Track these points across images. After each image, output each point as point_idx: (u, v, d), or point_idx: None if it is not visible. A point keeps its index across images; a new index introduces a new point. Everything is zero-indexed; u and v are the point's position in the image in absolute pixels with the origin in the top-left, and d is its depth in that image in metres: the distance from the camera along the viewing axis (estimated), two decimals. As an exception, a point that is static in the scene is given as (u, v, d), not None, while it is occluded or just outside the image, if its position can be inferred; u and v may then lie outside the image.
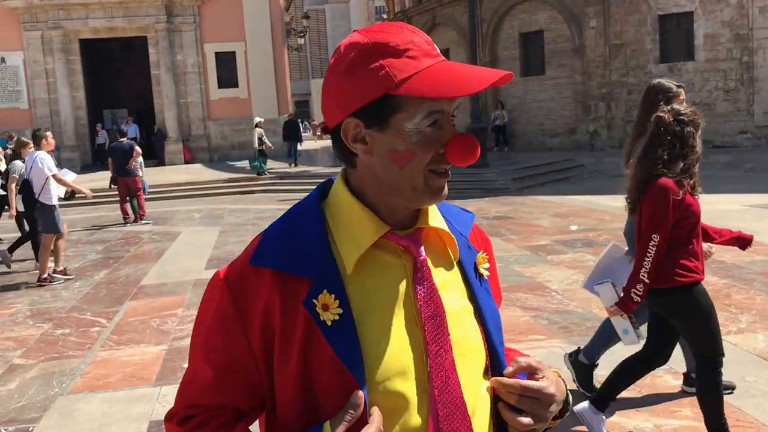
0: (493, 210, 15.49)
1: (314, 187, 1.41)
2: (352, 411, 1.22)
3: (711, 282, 8.04)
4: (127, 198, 16.42)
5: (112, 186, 17.26)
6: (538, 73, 29.59)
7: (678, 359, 5.65)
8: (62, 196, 10.74)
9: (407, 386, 1.26)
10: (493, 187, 19.45)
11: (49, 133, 10.69)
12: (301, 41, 44.81)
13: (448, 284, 1.37)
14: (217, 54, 31.70)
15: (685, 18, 25.72)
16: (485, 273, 1.44)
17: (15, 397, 5.82)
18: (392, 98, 1.24)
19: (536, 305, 7.55)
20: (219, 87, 31.89)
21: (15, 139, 12.60)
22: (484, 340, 1.38)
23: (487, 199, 17.59)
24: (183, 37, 31.51)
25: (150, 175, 26.37)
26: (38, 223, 10.56)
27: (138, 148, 16.36)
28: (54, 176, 10.16)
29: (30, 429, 5.20)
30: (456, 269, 1.41)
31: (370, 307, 1.28)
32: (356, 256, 1.29)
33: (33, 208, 10.48)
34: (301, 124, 39.29)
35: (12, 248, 12.01)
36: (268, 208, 18.36)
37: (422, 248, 1.34)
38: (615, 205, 14.95)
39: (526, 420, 1.29)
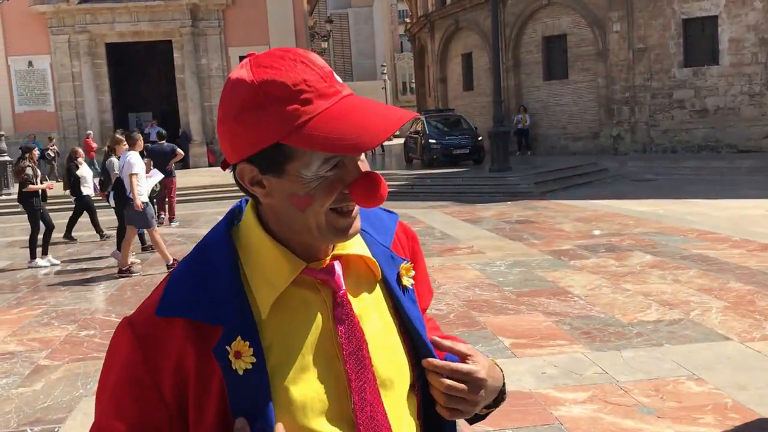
0: (516, 214, 15.45)
1: None
2: None
3: (735, 288, 8.01)
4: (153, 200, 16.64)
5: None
6: (561, 77, 29.52)
7: (701, 366, 5.64)
8: (151, 196, 11.38)
9: (332, 426, 1.22)
10: (515, 191, 19.39)
11: (139, 135, 11.33)
12: (324, 45, 44.95)
13: (371, 308, 1.32)
14: (241, 58, 31.00)
15: (710, 22, 25.54)
16: (409, 283, 1.39)
17: (41, 397, 5.88)
18: (284, 147, 1.15)
19: (558, 310, 7.53)
20: (243, 90, 32.04)
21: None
22: (408, 353, 1.34)
23: (509, 203, 17.54)
24: (208, 41, 31.72)
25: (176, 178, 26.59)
26: (129, 218, 10.93)
27: (180, 150, 16.72)
28: (131, 176, 10.57)
29: (55, 429, 5.26)
30: (378, 288, 1.36)
31: (287, 350, 1.22)
32: (271, 300, 1.22)
33: (124, 205, 10.95)
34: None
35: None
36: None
37: (341, 280, 1.28)
38: (638, 209, 14.89)
39: (447, 383, 1.29)
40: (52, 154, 27.87)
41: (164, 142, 17.01)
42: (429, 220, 15.08)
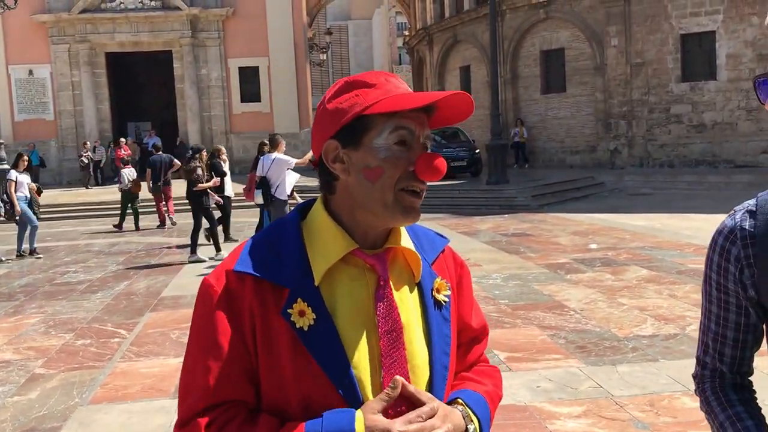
0: (512, 227, 15.47)
1: None
2: (389, 392, 1.37)
3: (730, 303, 8.00)
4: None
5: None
6: (559, 90, 29.60)
7: (695, 380, 5.63)
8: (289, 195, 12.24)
9: (361, 394, 1.38)
10: (512, 204, 19.43)
11: (281, 138, 12.31)
12: (323, 57, 45.05)
13: (407, 303, 1.48)
14: (240, 69, 31.93)
15: (707, 37, 25.65)
16: (443, 300, 1.54)
17: (36, 406, 5.87)
18: (363, 119, 1.40)
19: (554, 324, 7.54)
20: (242, 101, 32.12)
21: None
22: (428, 362, 1.48)
23: (506, 215, 17.56)
24: (207, 52, 31.81)
25: (173, 187, 26.60)
26: (273, 215, 11.88)
27: (177, 161, 17.55)
28: (295, 162, 11.72)
29: (51, 438, 5.27)
30: (416, 290, 1.52)
31: (334, 316, 1.40)
32: (324, 268, 1.41)
33: (269, 202, 11.81)
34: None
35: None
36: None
37: (387, 268, 1.46)
38: (635, 223, 14.92)
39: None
40: (86, 161, 28.17)
41: (161, 152, 18.10)
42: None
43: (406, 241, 1.51)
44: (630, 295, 8.68)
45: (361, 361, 1.40)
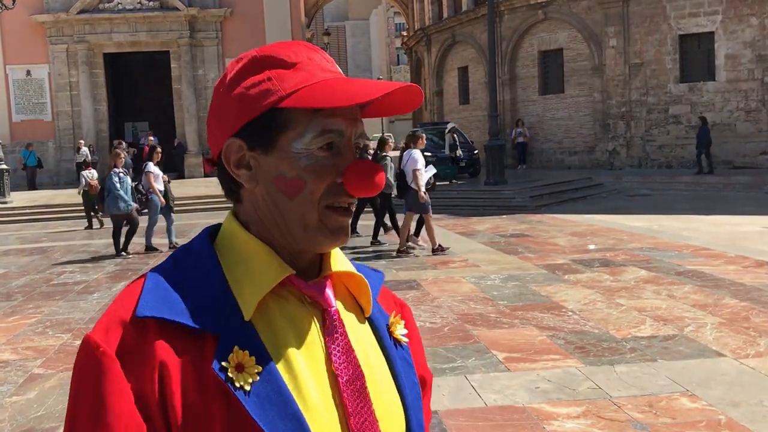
0: (510, 228, 15.47)
1: None
2: None
3: (730, 304, 8.02)
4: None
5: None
6: (557, 91, 29.65)
7: (694, 382, 5.65)
8: (428, 187, 12.61)
9: None
10: (510, 205, 19.43)
11: (422, 135, 12.87)
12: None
13: (362, 342, 1.14)
14: (238, 69, 31.99)
15: (706, 38, 25.71)
16: (403, 339, 1.21)
17: (34, 406, 5.86)
18: (278, 113, 1.06)
19: (553, 325, 7.54)
20: (239, 102, 32.17)
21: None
22: (403, 419, 1.15)
23: (504, 216, 17.57)
24: (205, 52, 31.81)
25: (172, 188, 26.60)
26: (410, 205, 12.44)
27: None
28: (415, 171, 12.10)
29: (48, 438, 5.26)
30: (367, 326, 1.18)
31: (284, 368, 1.04)
32: (256, 300, 1.04)
33: (406, 193, 12.41)
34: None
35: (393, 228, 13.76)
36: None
37: (332, 298, 1.12)
38: (633, 224, 14.92)
39: None
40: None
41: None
42: (423, 233, 15.06)
43: (344, 263, 1.17)
44: (628, 295, 8.67)
45: (325, 426, 1.03)
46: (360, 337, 1.14)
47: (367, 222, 14.70)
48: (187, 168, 30.98)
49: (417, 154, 12.24)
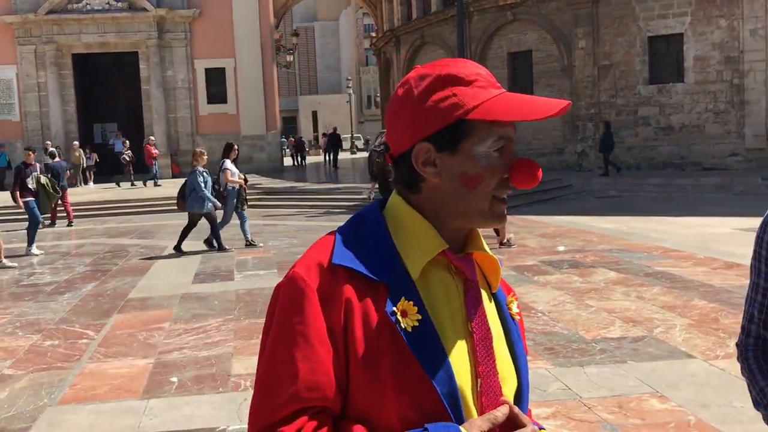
0: (479, 229, 15.48)
1: (301, 201, 1.39)
2: (498, 415, 1.29)
3: (699, 306, 8.10)
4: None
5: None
6: (527, 92, 29.64)
7: (664, 383, 5.69)
8: None
9: (462, 403, 1.30)
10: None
11: None
12: (290, 58, 44.92)
13: (491, 312, 1.42)
14: (207, 70, 31.76)
15: (675, 39, 25.95)
16: (516, 316, 1.50)
17: (4, 407, 5.81)
18: (465, 123, 1.32)
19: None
20: (208, 103, 31.96)
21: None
22: (514, 376, 1.43)
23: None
24: (174, 53, 31.62)
25: (139, 189, 26.45)
26: None
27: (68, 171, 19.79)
28: None
29: (16, 443, 5.20)
30: (493, 301, 1.46)
31: (436, 319, 1.31)
32: (423, 263, 1.32)
33: None
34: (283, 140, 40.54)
35: None
36: (254, 223, 18.25)
37: (475, 272, 1.40)
38: (603, 226, 15.03)
39: None
40: (128, 158, 28.08)
41: (58, 159, 19.90)
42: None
43: (483, 245, 1.44)
44: (598, 297, 8.73)
45: (462, 368, 1.31)
46: (489, 307, 1.42)
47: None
48: (162, 169, 30.76)
49: None
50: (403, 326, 1.26)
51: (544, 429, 1.49)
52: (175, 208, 22.00)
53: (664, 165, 26.15)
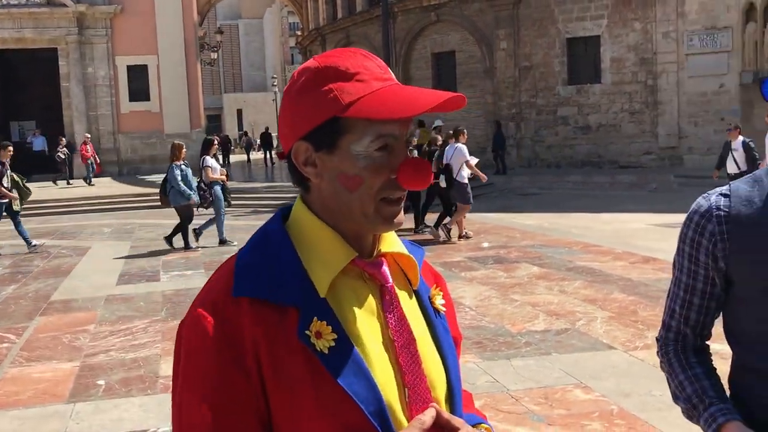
0: (406, 227, 15.64)
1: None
2: (425, 421, 1.22)
3: (618, 299, 8.38)
4: None
5: None
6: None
7: (587, 374, 5.89)
8: (470, 178, 13.53)
9: (390, 417, 1.23)
10: (404, 205, 19.53)
11: (464, 130, 13.85)
12: (214, 56, 44.36)
13: (412, 311, 1.34)
14: (129, 67, 31.16)
15: (592, 41, 26.63)
16: (441, 308, 1.41)
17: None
18: (340, 121, 1.23)
19: (451, 321, 7.67)
20: (130, 100, 31.38)
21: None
22: (444, 377, 1.35)
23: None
24: (94, 50, 30.93)
25: (58, 189, 25.81)
26: (453, 196, 13.47)
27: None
28: (467, 162, 13.07)
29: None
30: (414, 299, 1.38)
31: (350, 334, 1.23)
32: (329, 279, 1.24)
33: (452, 186, 13.23)
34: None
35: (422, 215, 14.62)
36: (181, 223, 18.11)
37: (388, 274, 1.31)
38: (525, 222, 15.35)
39: None
40: (63, 156, 27.31)
41: None
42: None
43: (398, 244, 1.36)
44: (522, 291, 8.94)
45: (387, 381, 1.23)
46: (409, 307, 1.34)
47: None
48: (75, 168, 30.02)
49: (463, 147, 13.23)
50: (318, 349, 1.19)
51: (487, 424, 1.46)
52: (97, 208, 21.65)
53: (582, 163, 26.79)
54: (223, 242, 13.83)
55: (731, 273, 1.68)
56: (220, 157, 37.83)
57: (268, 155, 39.75)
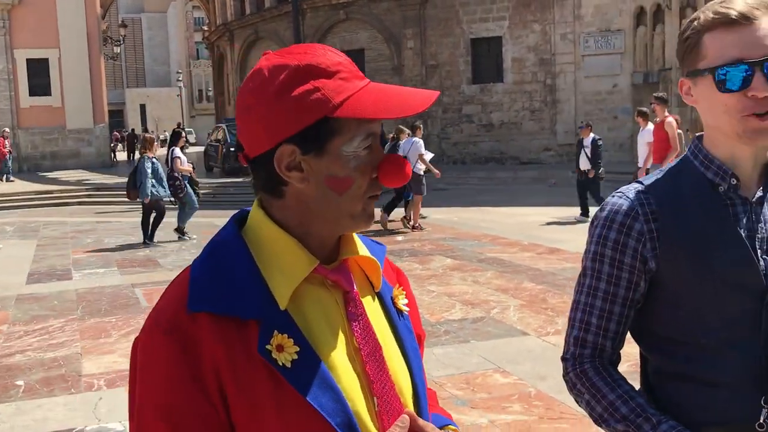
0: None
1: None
2: (398, 430, 1.20)
3: (528, 288, 8.74)
4: None
5: None
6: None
7: (504, 359, 6.18)
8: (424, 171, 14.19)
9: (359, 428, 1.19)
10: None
11: (421, 125, 14.86)
12: (117, 50, 43.40)
13: (375, 316, 1.31)
14: (28, 60, 30.23)
15: (495, 42, 27.30)
16: (404, 308, 1.38)
17: None
18: (330, 122, 1.17)
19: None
20: (30, 95, 30.43)
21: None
22: (409, 381, 1.32)
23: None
24: (-9, 42, 29.90)
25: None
26: (408, 187, 13.61)
27: None
28: (421, 156, 13.85)
29: None
30: (377, 301, 1.34)
31: (314, 345, 1.19)
32: (289, 291, 1.18)
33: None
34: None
35: (388, 209, 14.42)
36: (86, 220, 17.78)
37: (352, 282, 1.27)
38: (435, 216, 15.71)
39: None
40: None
41: None
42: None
43: (359, 247, 1.31)
44: (438, 282, 9.22)
45: (355, 392, 1.19)
46: (373, 310, 1.30)
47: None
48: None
49: (419, 141, 14.03)
50: (280, 363, 1.13)
51: (453, 425, 1.43)
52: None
53: (486, 159, 27.42)
54: (181, 232, 13.71)
55: (662, 273, 1.59)
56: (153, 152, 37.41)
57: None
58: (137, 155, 39.93)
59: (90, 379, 6.10)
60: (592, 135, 14.42)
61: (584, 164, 14.32)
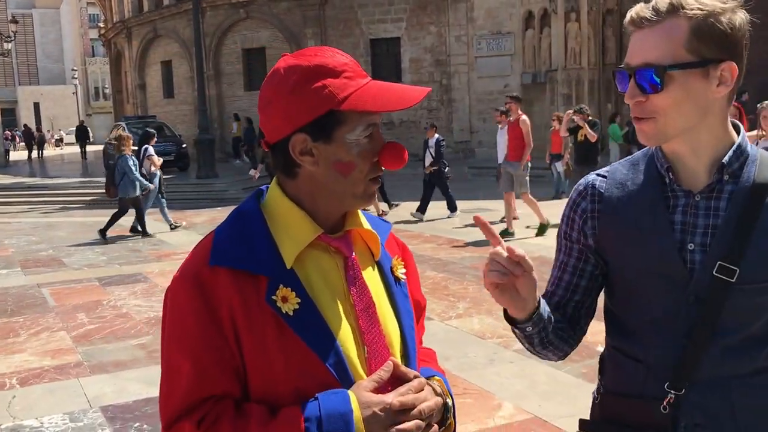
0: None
1: (33, 198, 1.56)
2: (382, 374, 1.40)
3: (430, 276, 9.33)
4: None
5: None
6: (257, 88, 30.47)
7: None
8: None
9: (351, 371, 1.40)
10: (223, 197, 19.83)
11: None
12: (8, 46, 42.29)
13: (372, 281, 1.51)
14: None
15: (393, 43, 28.09)
16: (401, 276, 1.59)
17: None
18: (336, 114, 1.38)
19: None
20: None
21: None
22: (399, 336, 1.51)
23: (219, 208, 17.98)
24: None
25: None
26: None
27: None
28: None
29: None
30: (376, 269, 1.55)
31: (314, 299, 1.40)
32: (295, 253, 1.40)
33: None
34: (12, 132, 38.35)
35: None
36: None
37: (353, 249, 1.49)
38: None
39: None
40: None
41: None
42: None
43: (363, 221, 1.54)
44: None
45: (347, 339, 1.40)
46: (371, 276, 1.53)
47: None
48: None
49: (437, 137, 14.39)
50: (284, 311, 1.34)
51: (438, 376, 1.58)
52: None
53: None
54: (144, 233, 13.82)
55: (601, 251, 1.68)
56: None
57: (83, 149, 38.90)
58: (35, 153, 39.14)
59: (2, 379, 6.04)
60: (436, 136, 15.10)
61: (429, 162, 15.00)
